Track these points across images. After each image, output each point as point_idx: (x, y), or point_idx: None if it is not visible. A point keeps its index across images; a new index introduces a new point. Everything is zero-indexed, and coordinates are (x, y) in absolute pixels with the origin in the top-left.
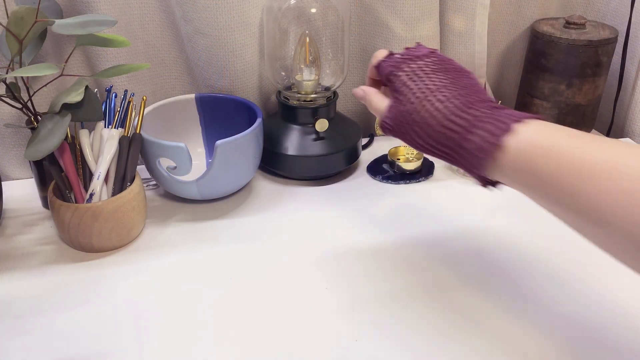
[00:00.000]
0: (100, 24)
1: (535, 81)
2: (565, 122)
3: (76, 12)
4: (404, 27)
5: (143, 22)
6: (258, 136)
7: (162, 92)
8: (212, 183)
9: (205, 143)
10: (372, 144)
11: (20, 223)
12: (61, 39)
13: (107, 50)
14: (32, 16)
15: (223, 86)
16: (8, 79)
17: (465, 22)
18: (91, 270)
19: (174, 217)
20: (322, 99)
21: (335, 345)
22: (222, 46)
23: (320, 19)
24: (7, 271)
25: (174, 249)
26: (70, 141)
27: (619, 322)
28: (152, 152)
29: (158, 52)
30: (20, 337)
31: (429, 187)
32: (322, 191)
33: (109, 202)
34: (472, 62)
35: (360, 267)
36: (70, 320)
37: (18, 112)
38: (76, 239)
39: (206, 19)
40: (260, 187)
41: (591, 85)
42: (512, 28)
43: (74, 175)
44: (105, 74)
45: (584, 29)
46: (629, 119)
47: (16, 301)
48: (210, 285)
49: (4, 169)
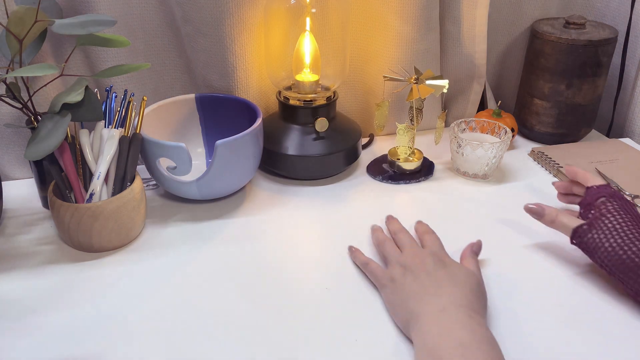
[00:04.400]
0: (100, 24)
1: (535, 81)
2: (565, 122)
3: (76, 12)
4: (404, 27)
5: (143, 22)
6: (258, 136)
7: (162, 92)
8: (212, 183)
9: (205, 143)
10: (372, 144)
11: (20, 223)
12: (61, 39)
13: (107, 50)
14: (32, 16)
15: (223, 86)
16: (8, 79)
17: (465, 22)
18: (91, 270)
19: (174, 217)
20: (322, 99)
21: (336, 345)
22: (222, 46)
23: (320, 19)
24: (7, 271)
25: (174, 249)
26: (70, 141)
27: None
28: (152, 152)
29: (158, 52)
30: (20, 337)
31: (429, 187)
32: (322, 191)
33: (109, 202)
34: (472, 62)
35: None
36: (70, 320)
37: (18, 112)
38: (76, 239)
39: (206, 19)
40: (260, 187)
41: (591, 85)
42: (512, 28)
43: (74, 175)
44: (105, 74)
45: (584, 29)
46: (629, 119)
47: (16, 301)
48: (210, 285)
49: (4, 169)
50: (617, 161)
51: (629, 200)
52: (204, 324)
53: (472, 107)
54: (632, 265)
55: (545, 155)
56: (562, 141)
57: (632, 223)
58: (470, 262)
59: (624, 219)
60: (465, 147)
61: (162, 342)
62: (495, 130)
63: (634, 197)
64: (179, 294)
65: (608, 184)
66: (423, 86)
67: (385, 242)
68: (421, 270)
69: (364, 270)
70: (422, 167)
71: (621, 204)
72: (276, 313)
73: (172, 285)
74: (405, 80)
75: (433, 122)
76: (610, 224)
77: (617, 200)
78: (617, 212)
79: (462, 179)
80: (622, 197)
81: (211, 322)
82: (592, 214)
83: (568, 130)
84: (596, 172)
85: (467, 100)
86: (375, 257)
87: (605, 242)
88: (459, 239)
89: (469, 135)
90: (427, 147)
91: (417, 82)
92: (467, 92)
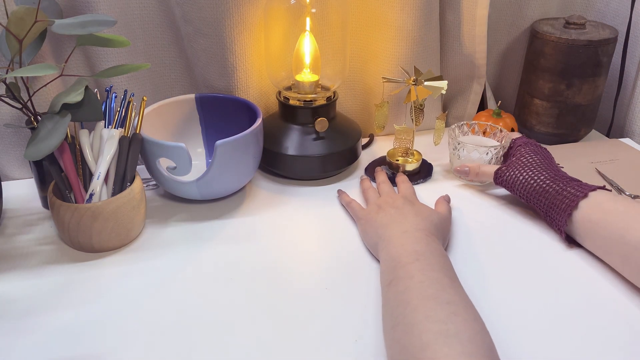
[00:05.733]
0: (100, 24)
1: (535, 81)
2: (565, 122)
3: (76, 12)
4: (404, 27)
5: (143, 22)
6: (258, 136)
7: (162, 92)
8: (212, 183)
9: (205, 143)
10: (372, 144)
11: (20, 223)
12: (61, 39)
13: (107, 50)
14: (32, 16)
15: (223, 86)
16: (8, 79)
17: (465, 22)
18: (91, 270)
19: (174, 217)
20: (322, 99)
21: (336, 345)
22: (222, 46)
23: (320, 19)
24: (7, 271)
25: (174, 249)
26: (70, 141)
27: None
28: (152, 152)
29: (158, 52)
30: (20, 337)
31: (427, 188)
32: (322, 191)
33: (109, 202)
34: (472, 62)
35: (361, 267)
36: (70, 320)
37: (18, 112)
38: (76, 239)
39: (206, 19)
40: (260, 187)
41: (591, 85)
42: (512, 28)
43: (73, 175)
44: (105, 74)
45: (584, 29)
46: (629, 119)
47: (16, 301)
48: (210, 285)
49: (4, 169)
50: (617, 161)
51: (541, 145)
52: (204, 323)
53: (472, 107)
54: (541, 190)
55: None
56: (562, 141)
57: (541, 161)
58: (441, 206)
59: (534, 158)
60: (461, 150)
61: (161, 342)
62: (497, 135)
63: (634, 197)
64: (179, 294)
65: (523, 135)
66: (421, 88)
67: (369, 189)
68: (391, 207)
69: (346, 208)
70: (420, 169)
71: (533, 148)
72: (276, 313)
73: (172, 285)
74: (403, 82)
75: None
76: (523, 163)
77: (530, 145)
78: (528, 154)
79: (460, 181)
80: (535, 143)
81: (211, 322)
82: (511, 159)
83: (568, 131)
84: (596, 172)
85: (467, 100)
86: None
87: (520, 176)
88: (457, 239)
89: (469, 138)
90: (427, 147)
91: (415, 84)
92: (467, 92)
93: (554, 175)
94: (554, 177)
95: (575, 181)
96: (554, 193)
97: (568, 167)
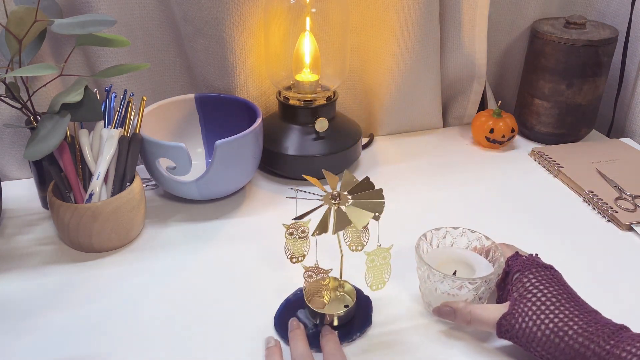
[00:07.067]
0: (100, 24)
1: (535, 81)
2: (565, 122)
3: (76, 12)
4: (404, 27)
5: (143, 22)
6: (258, 136)
7: (162, 92)
8: (212, 183)
9: (205, 143)
10: (372, 144)
11: (20, 223)
12: (61, 38)
13: (107, 50)
14: (32, 16)
15: (223, 86)
16: (8, 78)
17: (465, 22)
18: (91, 270)
19: (173, 217)
20: (322, 99)
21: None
22: (222, 46)
23: (320, 18)
24: (7, 271)
25: (174, 249)
26: (69, 141)
27: None
28: (152, 152)
29: (158, 51)
30: (20, 337)
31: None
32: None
33: (109, 202)
34: (473, 62)
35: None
36: (70, 320)
37: (18, 112)
38: (76, 239)
39: (206, 18)
40: (260, 187)
41: (591, 85)
42: (512, 28)
43: (73, 176)
44: (105, 74)
45: (584, 29)
46: (629, 119)
47: (16, 301)
48: (210, 285)
49: (3, 169)
50: (618, 161)
51: (545, 264)
52: (204, 323)
53: (472, 107)
54: (573, 354)
55: (545, 155)
56: (563, 141)
57: (559, 294)
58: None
59: (548, 295)
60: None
61: (161, 341)
62: (491, 255)
63: (634, 197)
64: (179, 293)
65: (517, 252)
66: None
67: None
68: None
69: None
70: (355, 313)
71: (540, 274)
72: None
73: (172, 285)
74: (319, 199)
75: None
76: (534, 303)
77: (534, 269)
78: (536, 287)
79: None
80: (538, 261)
81: (211, 322)
82: (511, 295)
83: (568, 131)
84: (596, 172)
85: (467, 100)
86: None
87: (537, 331)
88: None
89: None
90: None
91: (337, 201)
92: (468, 92)
93: (585, 323)
94: (586, 324)
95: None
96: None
97: (568, 167)
